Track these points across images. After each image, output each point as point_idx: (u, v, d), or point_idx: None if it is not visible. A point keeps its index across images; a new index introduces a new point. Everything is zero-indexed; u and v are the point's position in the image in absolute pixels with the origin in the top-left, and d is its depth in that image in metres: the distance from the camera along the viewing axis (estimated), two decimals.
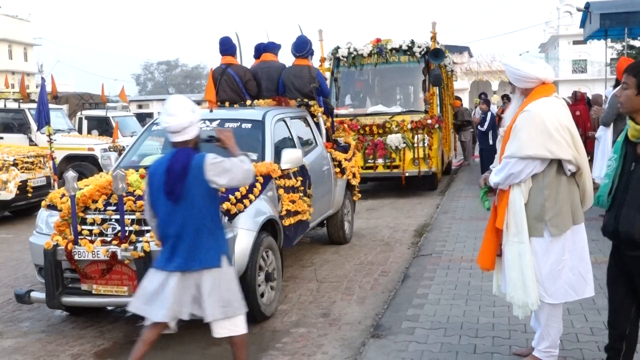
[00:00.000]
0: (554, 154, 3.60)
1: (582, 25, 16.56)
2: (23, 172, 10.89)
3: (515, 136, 3.67)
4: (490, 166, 4.08)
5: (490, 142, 12.51)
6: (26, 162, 11.08)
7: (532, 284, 3.68)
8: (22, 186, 10.81)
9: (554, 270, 3.72)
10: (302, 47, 7.82)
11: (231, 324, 3.75)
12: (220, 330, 3.76)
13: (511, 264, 3.77)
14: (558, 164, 3.68)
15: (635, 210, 3.07)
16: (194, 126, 3.75)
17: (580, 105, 11.40)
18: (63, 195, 5.20)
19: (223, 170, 3.69)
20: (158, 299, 3.73)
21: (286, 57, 8.16)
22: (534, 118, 3.61)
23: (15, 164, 10.79)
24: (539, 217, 3.69)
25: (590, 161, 11.03)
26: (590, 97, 12.02)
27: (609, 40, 17.37)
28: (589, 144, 11.03)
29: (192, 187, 3.66)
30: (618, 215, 3.17)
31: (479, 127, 13.57)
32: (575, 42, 61.31)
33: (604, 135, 7.89)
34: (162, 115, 3.82)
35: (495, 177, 3.80)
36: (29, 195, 10.96)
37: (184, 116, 3.70)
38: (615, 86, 8.09)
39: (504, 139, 3.87)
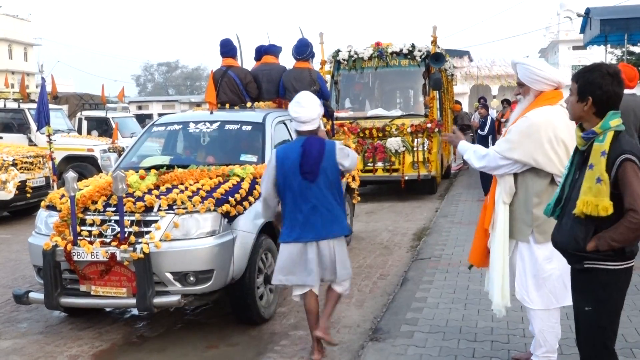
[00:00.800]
0: (538, 163, 3.63)
1: (582, 30, 16.62)
2: (22, 172, 10.89)
3: (507, 136, 3.73)
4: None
5: (490, 146, 12.52)
6: (25, 162, 11.07)
7: (498, 283, 3.74)
8: (21, 186, 10.81)
9: (539, 278, 3.72)
10: (303, 50, 7.82)
11: (346, 283, 4.54)
12: (339, 288, 4.51)
13: (494, 264, 3.83)
14: (553, 177, 3.69)
15: (572, 221, 2.94)
16: (319, 119, 4.47)
17: None
18: (62, 195, 5.19)
19: (346, 155, 4.47)
20: (301, 267, 4.39)
21: (287, 60, 8.17)
22: (530, 126, 3.64)
23: (14, 164, 10.79)
24: (526, 223, 3.72)
25: None
26: None
27: (608, 46, 17.39)
28: None
29: (326, 168, 4.36)
30: (558, 225, 3.09)
31: (478, 131, 13.57)
32: (575, 48, 61.43)
33: None
34: (295, 107, 4.43)
35: (476, 161, 3.85)
36: (28, 195, 10.95)
37: (314, 109, 4.41)
38: None
39: (504, 135, 3.91)
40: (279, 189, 4.43)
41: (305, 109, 4.39)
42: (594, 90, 2.91)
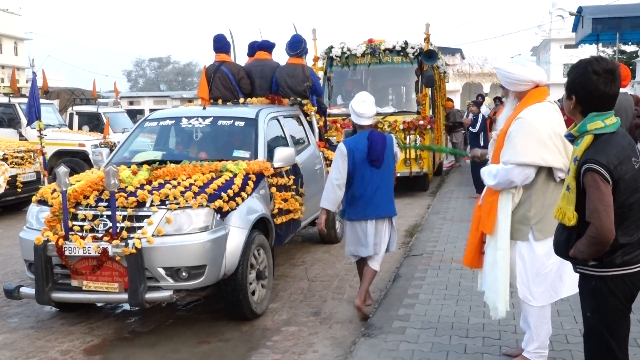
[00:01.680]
0: (547, 162, 3.61)
1: (575, 29, 16.69)
2: (13, 167, 10.81)
3: (510, 143, 3.65)
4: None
5: (482, 143, 12.56)
6: (16, 157, 10.99)
7: (504, 291, 3.70)
8: (12, 181, 10.73)
9: (540, 274, 3.73)
10: (297, 46, 7.81)
11: (379, 262, 5.35)
12: (375, 265, 5.30)
13: (489, 267, 3.81)
14: (547, 171, 3.68)
15: (559, 224, 2.88)
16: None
17: None
18: (54, 190, 5.17)
19: (398, 148, 5.35)
20: (363, 240, 5.20)
21: (280, 56, 8.17)
22: (527, 126, 3.60)
23: (5, 159, 10.71)
24: (525, 222, 3.70)
25: None
26: None
27: (600, 44, 17.47)
28: None
29: (387, 157, 5.18)
30: (557, 227, 3.01)
31: (470, 128, 13.61)
32: (567, 46, 61.65)
33: None
34: (360, 105, 5.22)
35: (490, 180, 3.76)
36: (19, 190, 10.88)
37: (374, 107, 5.29)
38: None
39: (496, 142, 3.86)
40: (347, 175, 5.15)
41: (370, 106, 5.21)
42: (577, 89, 2.80)
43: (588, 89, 2.77)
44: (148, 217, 4.81)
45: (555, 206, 3.65)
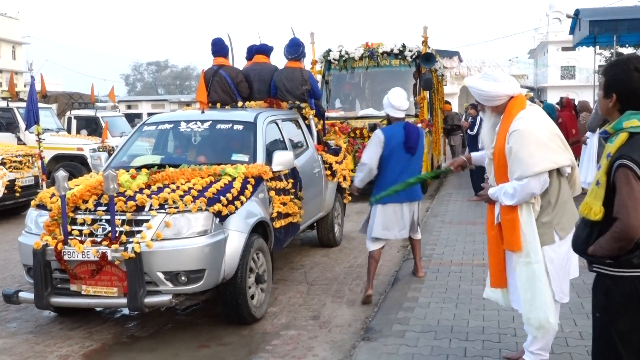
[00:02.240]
0: (557, 163, 3.62)
1: (572, 31, 16.70)
2: (11, 172, 10.79)
3: (516, 158, 3.60)
4: (485, 175, 4.06)
5: (480, 146, 12.57)
6: (14, 162, 10.98)
7: (551, 303, 3.64)
8: (10, 185, 10.71)
9: (565, 269, 3.75)
10: (295, 50, 7.82)
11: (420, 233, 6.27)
12: (417, 235, 6.24)
13: (525, 285, 3.70)
14: (556, 170, 3.67)
15: (581, 221, 2.85)
16: None
17: (565, 112, 11.46)
18: (53, 194, 5.16)
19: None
20: (397, 224, 5.86)
21: (278, 59, 8.17)
22: (526, 136, 3.57)
23: (3, 163, 10.70)
24: (548, 225, 3.67)
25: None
26: (577, 104, 12.11)
27: (597, 47, 17.49)
28: (576, 150, 11.13)
29: (419, 145, 5.88)
30: (577, 224, 2.99)
31: (468, 131, 13.62)
32: (564, 49, 61.78)
33: (590, 141, 7.96)
34: (398, 99, 5.85)
35: (509, 201, 3.66)
36: (17, 194, 10.87)
37: (407, 101, 6.02)
38: None
39: (494, 161, 3.81)
40: (381, 160, 5.74)
41: (405, 100, 5.92)
42: (619, 87, 2.79)
43: (630, 87, 2.78)
44: (147, 221, 4.80)
45: (570, 200, 3.65)
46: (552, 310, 3.63)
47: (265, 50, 8.07)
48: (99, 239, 4.78)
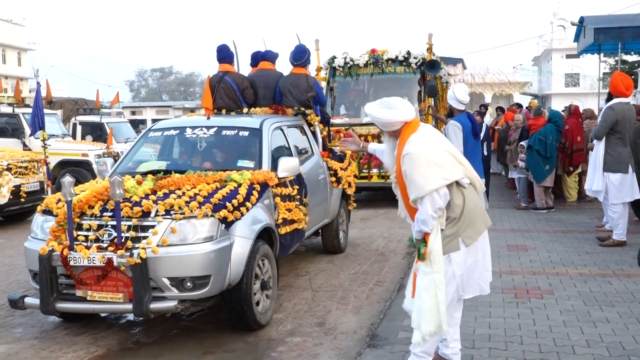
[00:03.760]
0: (449, 179, 3.73)
1: (576, 39, 16.69)
2: (17, 177, 10.83)
3: (409, 180, 3.75)
4: None
5: (485, 153, 12.55)
6: (20, 167, 11.02)
7: (444, 314, 3.71)
8: (16, 191, 10.74)
9: (469, 271, 3.87)
10: (300, 56, 7.83)
11: None
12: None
13: (422, 293, 3.76)
14: (455, 183, 3.79)
15: None
16: None
17: (572, 119, 11.44)
18: (59, 200, 5.17)
19: None
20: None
21: (283, 66, 8.18)
22: (416, 158, 3.70)
23: (9, 169, 10.74)
24: (454, 234, 3.78)
25: (583, 174, 11.13)
26: (581, 111, 12.08)
27: (602, 54, 17.48)
28: (580, 157, 11.11)
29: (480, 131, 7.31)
30: None
31: None
32: (568, 56, 61.80)
33: (596, 149, 7.93)
34: (464, 94, 7.15)
35: (423, 226, 3.75)
36: (22, 200, 10.89)
37: (468, 95, 7.27)
38: (607, 100, 8.12)
39: (399, 184, 3.93)
40: None
41: (467, 95, 7.18)
42: None
43: None
44: (153, 227, 4.80)
45: (477, 207, 3.81)
46: (445, 319, 3.71)
47: (270, 56, 8.09)
48: (104, 245, 4.77)
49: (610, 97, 7.98)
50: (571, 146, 11.09)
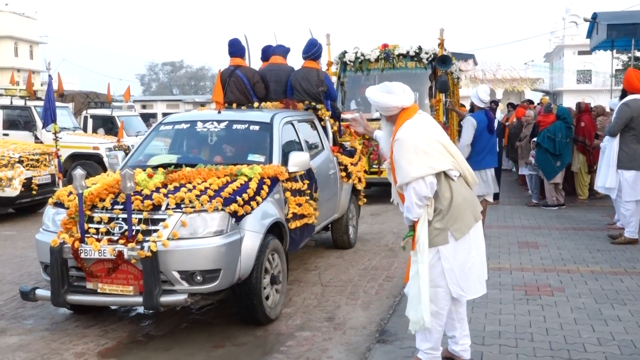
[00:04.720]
0: (435, 168, 3.75)
1: (589, 35, 16.55)
2: (28, 170, 10.89)
3: (397, 166, 3.80)
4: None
5: (497, 149, 12.48)
6: (31, 160, 11.08)
7: (426, 303, 3.73)
8: (27, 183, 10.81)
9: (465, 269, 3.85)
10: (311, 49, 7.80)
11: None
12: (490, 198, 8.14)
13: (411, 280, 3.85)
14: (444, 174, 3.81)
15: None
16: None
17: (585, 116, 11.37)
18: (70, 193, 5.19)
19: None
20: (486, 182, 7.82)
21: (294, 61, 8.17)
22: (405, 144, 3.75)
23: (20, 161, 10.80)
24: (442, 227, 3.79)
25: (593, 172, 11.04)
26: (592, 108, 12.00)
27: (615, 51, 17.32)
28: (595, 154, 11.02)
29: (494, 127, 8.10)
30: None
31: None
32: (580, 53, 61.35)
33: (610, 145, 7.85)
34: (484, 93, 7.94)
35: (409, 214, 3.82)
36: (34, 192, 10.96)
37: (489, 95, 8.11)
38: (621, 97, 8.05)
39: (392, 169, 3.96)
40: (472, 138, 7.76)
41: (488, 95, 7.99)
42: None
43: None
44: (163, 220, 4.81)
45: (467, 201, 3.81)
46: (427, 310, 3.72)
47: (282, 51, 8.07)
48: (115, 238, 4.79)
49: (624, 94, 7.91)
50: (591, 143, 11.00)
